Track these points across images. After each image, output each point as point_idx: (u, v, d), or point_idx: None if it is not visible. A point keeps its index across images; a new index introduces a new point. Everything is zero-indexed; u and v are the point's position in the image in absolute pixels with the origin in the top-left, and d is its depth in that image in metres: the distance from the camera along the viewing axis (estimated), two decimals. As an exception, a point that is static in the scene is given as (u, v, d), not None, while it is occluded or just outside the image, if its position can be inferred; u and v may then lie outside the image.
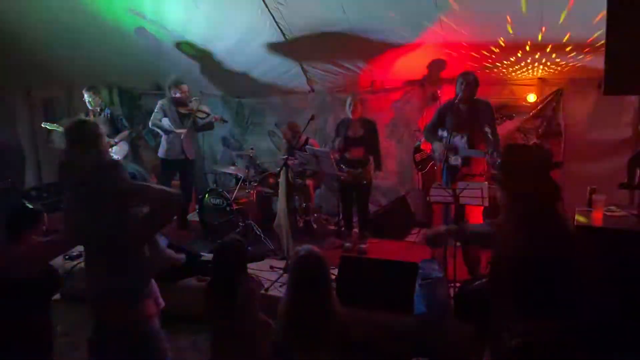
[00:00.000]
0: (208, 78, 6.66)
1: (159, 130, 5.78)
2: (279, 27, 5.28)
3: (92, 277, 2.52)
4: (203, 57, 6.09)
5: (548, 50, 4.74)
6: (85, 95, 6.00)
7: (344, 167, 5.24)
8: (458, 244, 4.31)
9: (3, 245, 3.02)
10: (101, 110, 6.12)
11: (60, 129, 6.13)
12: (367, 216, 5.52)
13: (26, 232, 2.97)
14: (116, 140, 6.09)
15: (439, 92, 5.40)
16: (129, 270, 2.47)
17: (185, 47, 5.93)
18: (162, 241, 3.52)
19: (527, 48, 4.78)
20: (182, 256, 3.15)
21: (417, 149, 5.64)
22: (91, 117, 6.07)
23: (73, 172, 2.37)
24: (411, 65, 5.66)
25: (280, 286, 4.34)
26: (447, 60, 5.44)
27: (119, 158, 6.12)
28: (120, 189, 2.37)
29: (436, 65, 5.55)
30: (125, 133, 6.19)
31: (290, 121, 6.01)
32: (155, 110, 5.75)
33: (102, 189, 2.33)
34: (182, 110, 5.71)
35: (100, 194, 2.34)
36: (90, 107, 6.07)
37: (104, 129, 2.56)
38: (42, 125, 6.23)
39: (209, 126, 6.02)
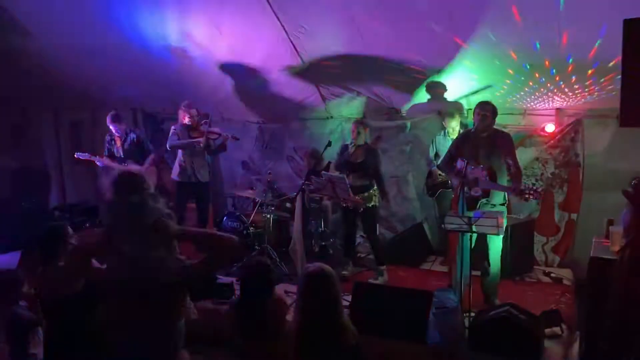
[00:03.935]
0: (231, 103, 6.81)
1: (179, 150, 5.83)
2: (299, 55, 5.41)
3: (123, 331, 2.30)
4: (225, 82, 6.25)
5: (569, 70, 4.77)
6: (111, 126, 6.12)
7: None
8: (476, 272, 4.29)
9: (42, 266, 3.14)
10: (127, 134, 6.24)
11: (93, 158, 6.25)
12: (377, 245, 5.30)
13: (60, 249, 3.13)
14: (146, 165, 6.17)
15: (447, 122, 5.47)
16: (166, 322, 2.34)
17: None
18: None
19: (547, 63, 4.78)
20: (195, 311, 3.21)
21: (429, 175, 5.66)
22: (118, 141, 6.22)
23: (124, 221, 2.30)
24: (426, 93, 5.74)
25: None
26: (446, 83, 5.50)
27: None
28: (173, 234, 2.32)
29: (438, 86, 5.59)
30: (152, 157, 6.28)
31: (312, 148, 6.07)
32: (170, 135, 5.82)
33: (160, 239, 2.27)
34: (194, 135, 5.78)
35: (160, 244, 2.27)
36: (117, 134, 6.19)
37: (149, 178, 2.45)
38: (75, 156, 6.34)
39: (222, 148, 6.01)
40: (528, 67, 4.80)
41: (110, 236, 2.31)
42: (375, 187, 5.19)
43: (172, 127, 5.85)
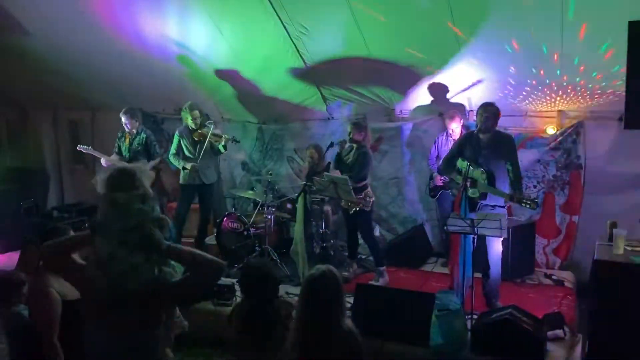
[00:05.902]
0: (231, 104, 6.78)
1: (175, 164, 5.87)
2: (301, 56, 5.39)
3: (100, 336, 2.23)
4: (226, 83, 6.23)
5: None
6: (123, 118, 6.06)
7: None
8: (477, 274, 4.28)
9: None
10: (137, 133, 6.19)
11: (95, 152, 6.24)
12: (374, 247, 5.26)
13: None
14: (151, 166, 6.10)
15: (448, 123, 5.45)
16: (146, 331, 2.24)
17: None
18: None
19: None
20: (186, 323, 3.15)
21: (432, 176, 5.65)
22: (127, 139, 6.18)
23: (104, 219, 2.19)
24: (427, 94, 5.74)
25: (296, 313, 4.33)
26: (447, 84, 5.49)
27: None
28: (160, 248, 2.20)
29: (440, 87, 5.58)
30: (156, 160, 6.22)
31: (314, 143, 6.03)
32: (173, 144, 5.82)
33: (141, 244, 2.16)
34: (196, 137, 5.78)
35: (139, 249, 2.16)
36: (127, 130, 6.15)
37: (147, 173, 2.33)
38: (78, 148, 6.34)
39: (224, 148, 5.98)
40: (534, 70, 4.80)
41: (93, 233, 2.23)
42: (368, 190, 5.12)
43: (177, 131, 5.84)
